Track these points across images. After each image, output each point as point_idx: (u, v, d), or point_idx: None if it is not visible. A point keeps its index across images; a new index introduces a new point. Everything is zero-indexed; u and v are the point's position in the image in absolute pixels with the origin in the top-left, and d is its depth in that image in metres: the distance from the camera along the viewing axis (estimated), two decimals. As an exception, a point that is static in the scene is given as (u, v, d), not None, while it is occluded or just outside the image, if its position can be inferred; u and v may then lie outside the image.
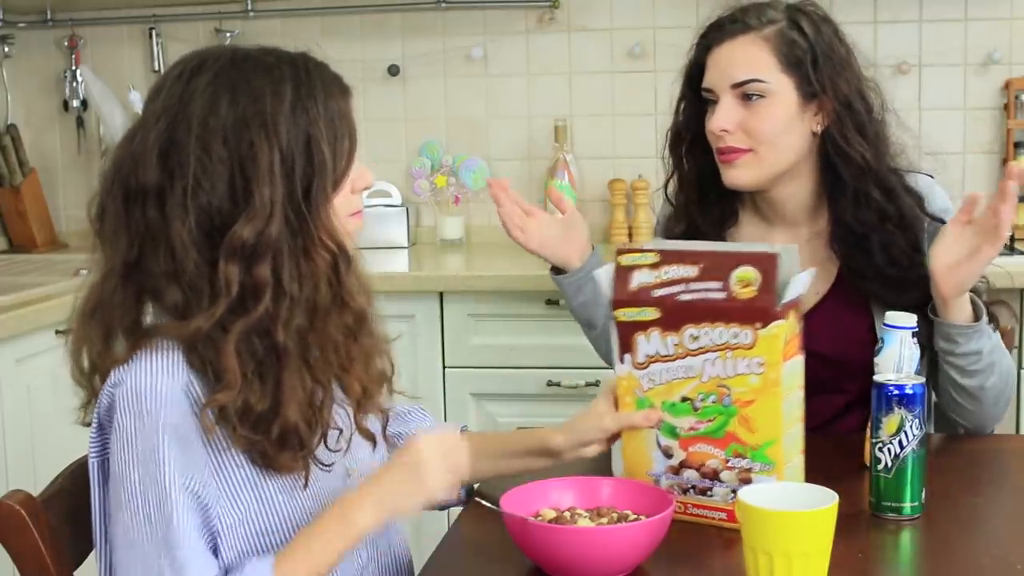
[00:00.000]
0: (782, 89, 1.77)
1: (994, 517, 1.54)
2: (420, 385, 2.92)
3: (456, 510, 1.62)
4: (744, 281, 1.39)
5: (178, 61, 1.39)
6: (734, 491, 1.40)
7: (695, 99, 1.85)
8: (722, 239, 1.88)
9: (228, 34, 3.57)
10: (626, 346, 1.46)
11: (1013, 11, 3.30)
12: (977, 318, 1.72)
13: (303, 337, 1.34)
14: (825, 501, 1.26)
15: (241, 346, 1.31)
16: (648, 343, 1.43)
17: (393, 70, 3.53)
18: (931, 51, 3.25)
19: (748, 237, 1.90)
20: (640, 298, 1.44)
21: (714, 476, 1.45)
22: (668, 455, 1.47)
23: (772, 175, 1.81)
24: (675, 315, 1.41)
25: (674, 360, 1.42)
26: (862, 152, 1.77)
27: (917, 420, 1.47)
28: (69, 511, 1.45)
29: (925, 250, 1.77)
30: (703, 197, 1.89)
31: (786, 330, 1.38)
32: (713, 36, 1.82)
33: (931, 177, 1.88)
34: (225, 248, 1.30)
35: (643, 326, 1.43)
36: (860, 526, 1.47)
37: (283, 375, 1.32)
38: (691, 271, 1.42)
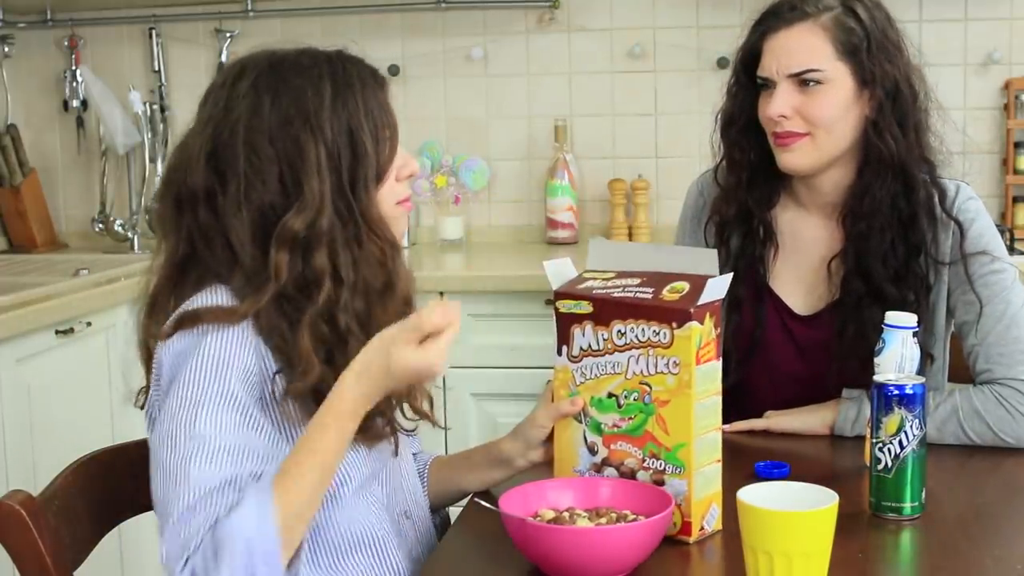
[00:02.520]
0: (839, 76, 1.79)
1: (994, 517, 1.54)
2: (420, 385, 2.92)
3: (456, 509, 1.62)
4: (674, 289, 1.44)
5: (223, 69, 1.47)
6: None
7: (749, 84, 1.87)
8: (767, 219, 1.91)
9: (228, 34, 3.57)
10: (564, 337, 1.51)
11: (1013, 11, 3.30)
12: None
13: (364, 320, 1.40)
14: (825, 501, 1.26)
15: (312, 332, 1.37)
16: (583, 336, 1.49)
17: (393, 70, 3.53)
18: (931, 51, 3.22)
19: (787, 219, 1.92)
20: (577, 292, 1.50)
21: (631, 475, 1.47)
22: (593, 452, 1.51)
23: (827, 159, 1.83)
24: (605, 310, 1.46)
25: (603, 355, 1.47)
26: (894, 142, 1.79)
27: (917, 420, 1.47)
28: (69, 511, 1.45)
29: (939, 247, 1.81)
30: (752, 179, 1.90)
31: (701, 332, 1.40)
32: (769, 23, 1.83)
33: (966, 184, 1.88)
34: (276, 238, 1.37)
35: (578, 319, 1.48)
36: (860, 526, 1.47)
37: (349, 355, 1.35)
38: (634, 280, 1.48)
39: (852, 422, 1.78)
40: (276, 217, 1.38)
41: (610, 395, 1.47)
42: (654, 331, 1.42)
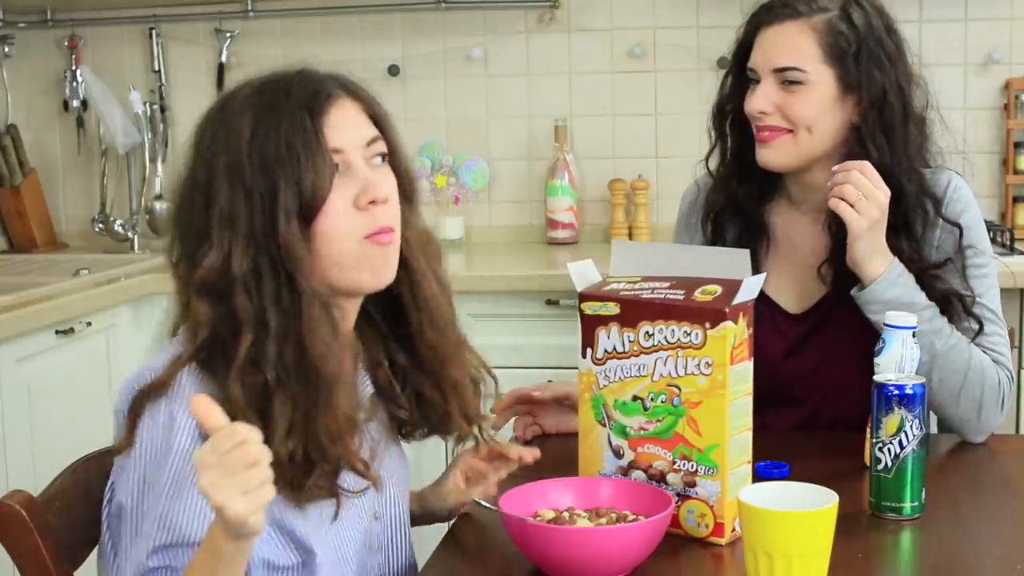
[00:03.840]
0: (821, 79, 1.79)
1: (994, 517, 1.54)
2: (420, 385, 2.91)
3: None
4: (706, 291, 1.43)
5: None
6: (679, 495, 1.44)
7: (741, 76, 1.87)
8: (759, 214, 1.91)
9: (228, 34, 3.57)
10: (588, 340, 1.50)
11: (1013, 11, 3.30)
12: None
13: (297, 371, 1.28)
14: (825, 501, 1.26)
15: (242, 384, 1.26)
16: (608, 338, 1.48)
17: (393, 70, 3.53)
18: (931, 51, 3.24)
19: (780, 220, 1.93)
20: (603, 294, 1.49)
21: (660, 478, 1.46)
22: (619, 455, 1.49)
23: (805, 159, 1.83)
24: (633, 311, 1.45)
25: (627, 358, 1.46)
26: (876, 151, 1.79)
27: (917, 420, 1.47)
28: (69, 511, 1.45)
29: (934, 252, 1.81)
30: (744, 171, 1.90)
31: (735, 332, 1.40)
32: (762, 17, 1.84)
33: (958, 174, 1.88)
34: (194, 285, 1.29)
35: (604, 320, 1.47)
36: (860, 526, 1.47)
37: (275, 410, 1.26)
38: (663, 283, 1.47)
39: (891, 283, 1.74)
40: (189, 260, 1.31)
41: (635, 398, 1.46)
42: (685, 332, 1.41)
